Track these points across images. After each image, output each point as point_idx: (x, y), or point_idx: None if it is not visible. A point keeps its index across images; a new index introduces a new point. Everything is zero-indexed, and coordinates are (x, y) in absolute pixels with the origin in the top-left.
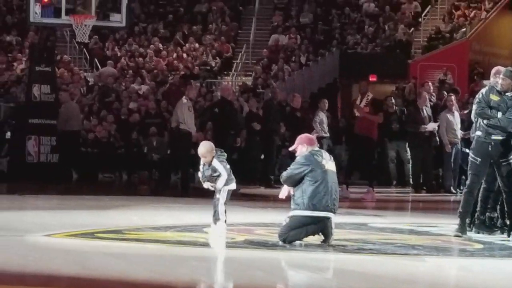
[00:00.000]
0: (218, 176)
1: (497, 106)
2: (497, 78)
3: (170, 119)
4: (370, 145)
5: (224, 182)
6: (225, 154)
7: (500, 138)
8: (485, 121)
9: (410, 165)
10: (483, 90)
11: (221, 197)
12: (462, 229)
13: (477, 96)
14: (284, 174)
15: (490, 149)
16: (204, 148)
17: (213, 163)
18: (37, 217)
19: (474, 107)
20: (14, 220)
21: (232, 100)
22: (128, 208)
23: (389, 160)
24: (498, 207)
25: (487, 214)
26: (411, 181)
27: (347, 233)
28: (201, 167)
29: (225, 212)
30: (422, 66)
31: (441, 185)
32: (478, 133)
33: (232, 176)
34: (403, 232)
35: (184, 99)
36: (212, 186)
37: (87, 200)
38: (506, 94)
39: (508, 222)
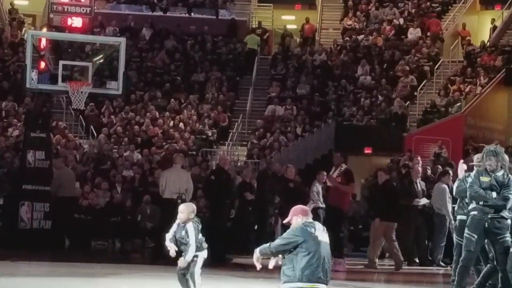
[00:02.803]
0: (188, 246)
1: (489, 187)
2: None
3: (163, 189)
4: (339, 216)
5: (192, 256)
6: (200, 225)
7: (496, 216)
8: (481, 202)
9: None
10: (472, 174)
11: (197, 266)
12: None
13: (460, 179)
14: (275, 244)
15: (486, 226)
16: (186, 206)
17: (187, 225)
18: (28, 284)
19: (463, 190)
20: (6, 286)
21: (229, 170)
22: (120, 277)
23: None
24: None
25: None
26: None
27: None
28: (174, 226)
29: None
30: (417, 139)
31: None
32: (474, 212)
33: (204, 244)
34: None
35: (180, 168)
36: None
37: (79, 268)
38: (496, 174)
39: None
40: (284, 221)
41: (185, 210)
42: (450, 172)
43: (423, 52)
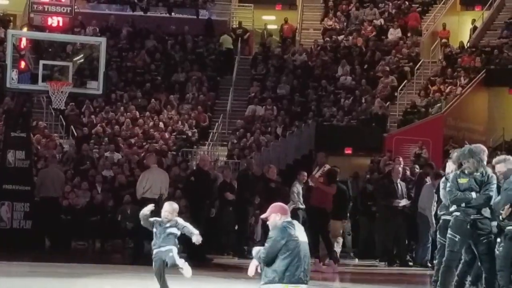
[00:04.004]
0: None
1: (469, 188)
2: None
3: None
4: (323, 216)
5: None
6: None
7: (479, 216)
8: (463, 204)
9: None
10: (450, 177)
11: (175, 254)
12: None
13: (442, 182)
14: (263, 254)
15: (469, 227)
16: (171, 205)
17: (176, 218)
18: (8, 284)
19: (443, 192)
20: None
21: (209, 171)
22: (101, 277)
23: (346, 233)
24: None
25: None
26: (351, 253)
27: None
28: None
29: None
30: (398, 140)
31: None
32: (457, 213)
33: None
34: None
35: (158, 169)
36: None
37: (59, 268)
38: (474, 174)
39: None
40: (262, 216)
41: (173, 210)
42: (442, 173)
43: (403, 53)
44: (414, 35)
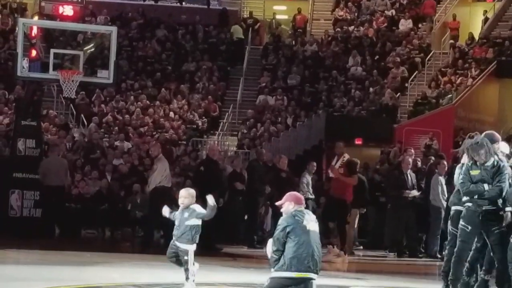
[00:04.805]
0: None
1: (480, 179)
2: None
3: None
4: (342, 207)
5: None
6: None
7: (490, 207)
8: (475, 196)
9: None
10: (463, 169)
11: (190, 258)
12: None
13: (457, 172)
14: (273, 243)
15: (480, 218)
16: (187, 191)
17: (193, 206)
18: (18, 271)
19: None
20: None
21: (218, 160)
22: (110, 265)
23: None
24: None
25: (482, 276)
26: (356, 242)
27: None
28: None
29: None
30: (408, 130)
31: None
32: (469, 204)
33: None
34: None
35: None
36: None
37: (68, 256)
38: (485, 164)
39: None
40: (277, 203)
41: (189, 195)
42: (444, 162)
43: (414, 44)
44: (427, 23)
